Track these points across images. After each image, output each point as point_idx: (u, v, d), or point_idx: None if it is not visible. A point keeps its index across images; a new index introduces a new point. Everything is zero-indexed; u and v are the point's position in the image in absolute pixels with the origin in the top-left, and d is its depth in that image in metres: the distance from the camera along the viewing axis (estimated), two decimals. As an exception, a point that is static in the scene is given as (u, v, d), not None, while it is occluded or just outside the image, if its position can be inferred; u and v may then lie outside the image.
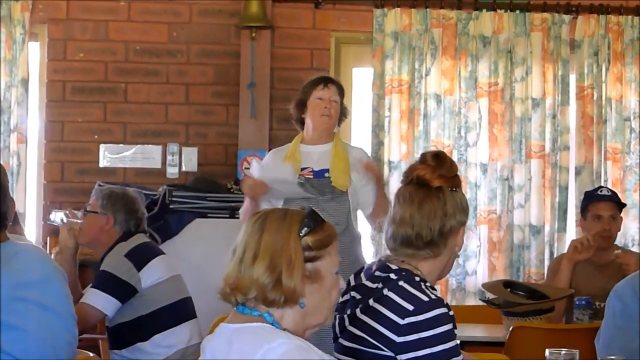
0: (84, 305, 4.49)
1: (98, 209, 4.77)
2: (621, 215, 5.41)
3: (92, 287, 4.61)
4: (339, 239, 4.77)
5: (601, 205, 5.29)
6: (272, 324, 2.50)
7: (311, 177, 4.99)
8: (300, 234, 2.59)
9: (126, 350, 4.65)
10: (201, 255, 5.53)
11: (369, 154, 5.64)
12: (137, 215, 4.83)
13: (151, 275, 4.53)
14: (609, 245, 5.25)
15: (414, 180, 3.08)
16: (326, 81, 5.11)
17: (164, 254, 4.75)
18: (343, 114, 5.18)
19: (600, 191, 5.46)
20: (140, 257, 4.55)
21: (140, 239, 4.73)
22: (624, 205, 5.48)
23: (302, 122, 5.12)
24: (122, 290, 4.55)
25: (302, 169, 5.00)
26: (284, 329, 2.52)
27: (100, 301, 4.50)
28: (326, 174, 5.02)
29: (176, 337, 4.49)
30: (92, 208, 4.80)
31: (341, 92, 5.15)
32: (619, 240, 5.84)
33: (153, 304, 4.61)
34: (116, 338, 4.70)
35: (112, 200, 4.77)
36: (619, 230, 5.41)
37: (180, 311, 4.56)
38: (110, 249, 4.74)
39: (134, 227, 4.78)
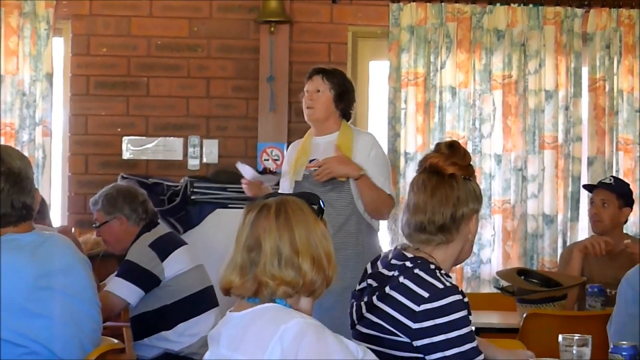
0: (108, 294, 4.51)
1: (105, 217, 4.79)
2: (630, 206, 5.38)
3: (116, 276, 4.62)
4: (341, 228, 4.88)
5: (596, 191, 5.35)
6: (285, 306, 2.53)
7: (316, 168, 4.99)
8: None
9: (150, 339, 4.67)
10: (222, 244, 5.46)
11: (385, 145, 5.68)
12: (139, 200, 4.83)
13: (174, 265, 4.55)
14: (600, 230, 5.28)
15: (428, 168, 3.09)
16: (311, 73, 5.12)
17: (186, 244, 4.76)
18: (340, 98, 5.08)
19: (604, 180, 5.50)
20: (164, 248, 4.57)
21: (163, 229, 4.76)
22: (629, 196, 5.43)
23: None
24: (146, 280, 4.57)
25: (310, 161, 5.03)
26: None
27: (124, 290, 4.51)
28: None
29: (200, 325, 4.50)
30: (100, 220, 4.81)
31: (332, 78, 5.08)
32: (630, 230, 5.94)
33: (177, 294, 4.63)
34: (140, 326, 4.72)
35: (111, 202, 4.78)
36: (623, 219, 5.38)
37: (203, 300, 4.58)
38: (135, 240, 4.77)
39: (144, 213, 4.79)
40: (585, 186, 5.86)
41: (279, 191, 5.25)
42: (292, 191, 4.91)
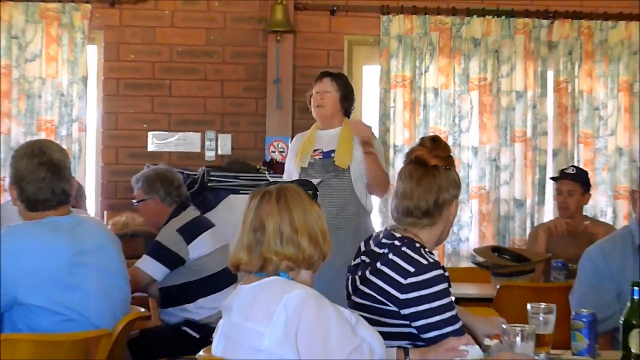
0: (137, 270, 4.51)
1: (143, 196, 4.80)
2: (589, 192, 5.40)
3: (146, 254, 4.62)
4: (342, 210, 4.91)
5: (562, 182, 5.36)
6: (287, 279, 2.55)
7: (320, 157, 5.02)
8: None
9: (173, 309, 4.69)
10: (234, 226, 5.42)
11: (377, 138, 5.64)
12: (175, 185, 4.82)
13: (199, 248, 4.53)
14: (567, 216, 5.28)
15: (414, 160, 3.10)
16: (320, 76, 5.17)
17: (213, 226, 4.75)
18: (345, 99, 5.14)
19: (567, 170, 5.50)
20: (190, 232, 4.56)
21: (192, 214, 4.74)
22: (589, 183, 5.44)
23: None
24: (171, 260, 4.57)
25: (314, 151, 5.05)
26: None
27: (151, 267, 4.53)
28: (332, 155, 5.04)
29: (219, 300, 4.42)
30: (138, 198, 4.83)
31: (339, 80, 5.14)
32: (589, 212, 5.95)
33: (200, 273, 4.62)
34: (167, 297, 4.72)
35: (150, 184, 4.78)
36: (585, 203, 5.43)
37: (224, 278, 4.54)
38: (166, 222, 4.77)
39: (177, 196, 4.78)
40: (552, 178, 5.83)
41: (284, 175, 5.34)
42: (299, 176, 4.91)
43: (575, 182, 5.32)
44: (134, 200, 4.89)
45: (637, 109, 6.55)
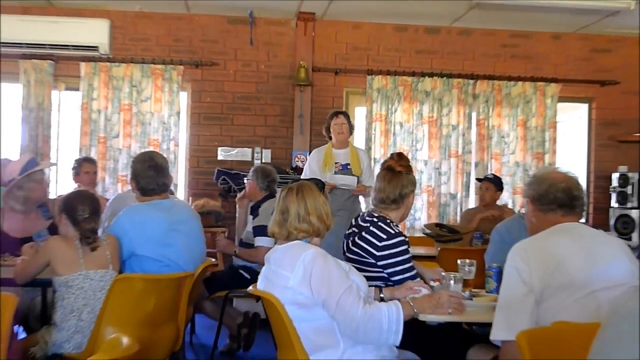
0: (260, 249, 4.35)
1: (250, 177, 4.81)
2: (501, 190, 5.57)
3: (258, 237, 4.46)
4: (347, 200, 5.01)
5: (483, 182, 5.56)
6: (304, 242, 2.58)
7: (340, 168, 5.17)
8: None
9: (235, 259, 4.71)
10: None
11: (366, 151, 5.86)
12: (269, 178, 4.78)
13: None
14: (484, 205, 5.48)
15: (386, 168, 3.19)
16: (337, 113, 5.29)
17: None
18: (351, 129, 5.31)
19: (487, 175, 5.75)
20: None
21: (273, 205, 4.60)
22: (500, 182, 5.57)
23: (329, 137, 5.29)
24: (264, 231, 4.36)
25: (335, 163, 5.19)
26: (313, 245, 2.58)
27: (266, 242, 4.36)
28: (348, 166, 5.18)
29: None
30: (248, 177, 4.85)
31: (347, 117, 5.28)
32: (499, 203, 5.93)
33: None
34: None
35: (256, 173, 4.79)
36: (497, 198, 5.54)
37: None
38: (261, 200, 4.69)
39: (266, 187, 4.73)
40: (477, 179, 5.98)
41: (302, 176, 5.38)
42: (330, 180, 5.01)
43: (491, 183, 5.49)
44: (246, 178, 4.83)
45: (529, 137, 6.68)
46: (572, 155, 7.06)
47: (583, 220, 2.58)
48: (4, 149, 5.96)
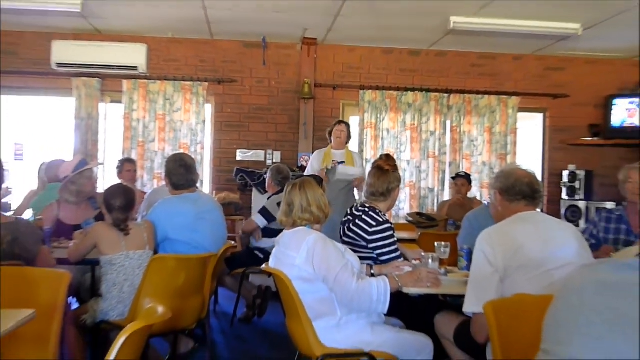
0: (252, 220, 4.55)
1: (268, 174, 4.84)
2: (471, 185, 5.55)
3: (257, 212, 4.59)
4: (342, 191, 4.91)
5: (457, 179, 5.51)
6: (308, 228, 2.56)
7: (336, 164, 5.11)
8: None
9: (254, 241, 4.72)
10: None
11: (359, 154, 5.76)
12: (282, 176, 4.78)
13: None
14: (463, 197, 5.44)
15: (376, 166, 3.17)
16: (340, 122, 5.27)
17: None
18: (349, 136, 5.27)
19: (459, 173, 5.67)
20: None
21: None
22: (470, 180, 5.56)
23: (331, 139, 5.25)
24: (269, 217, 4.55)
25: (332, 160, 5.14)
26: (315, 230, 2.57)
27: (258, 219, 4.52)
28: (342, 163, 5.14)
29: (274, 239, 4.10)
30: (267, 174, 4.86)
31: (348, 127, 5.24)
32: (471, 196, 5.94)
33: (272, 225, 4.57)
34: (264, 232, 4.64)
35: (272, 171, 4.82)
36: (469, 190, 5.52)
37: (277, 229, 4.21)
38: (274, 194, 4.72)
39: (279, 183, 4.74)
40: (452, 177, 5.89)
41: (305, 173, 5.32)
42: (325, 175, 4.96)
43: (464, 179, 5.46)
44: (261, 177, 4.83)
45: (494, 141, 6.64)
46: (529, 156, 7.04)
47: (539, 210, 2.53)
48: (60, 152, 6.07)
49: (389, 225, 2.99)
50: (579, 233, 2.32)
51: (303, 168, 6.13)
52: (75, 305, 3.40)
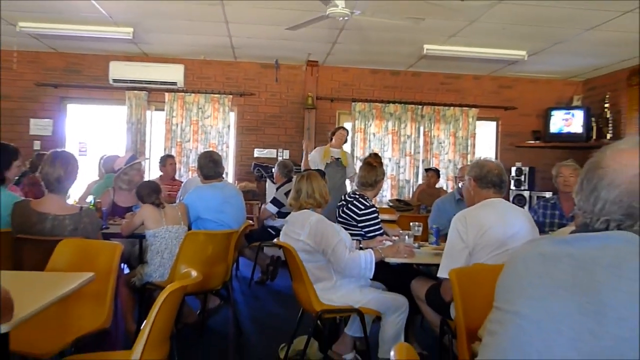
0: (266, 209, 4.50)
1: (276, 168, 4.80)
2: (439, 178, 5.58)
3: (270, 202, 4.53)
4: (338, 182, 4.83)
5: (429, 172, 5.54)
6: (311, 211, 2.54)
7: (334, 160, 5.09)
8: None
9: (269, 220, 4.64)
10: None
11: (350, 154, 5.68)
12: (287, 169, 4.73)
13: (286, 201, 4.07)
14: (431, 186, 5.48)
15: (366, 163, 3.12)
16: (342, 128, 5.28)
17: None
18: (345, 139, 5.28)
19: (430, 167, 5.70)
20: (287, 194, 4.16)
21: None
22: (439, 173, 5.59)
23: (331, 138, 5.23)
24: (279, 205, 4.48)
25: (330, 157, 5.13)
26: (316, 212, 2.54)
27: (271, 207, 4.45)
28: (339, 159, 5.14)
29: (284, 219, 4.10)
30: (275, 168, 4.79)
31: (347, 131, 5.26)
32: (439, 186, 5.95)
33: (282, 210, 4.51)
34: (278, 215, 4.57)
35: (279, 165, 4.75)
36: (437, 182, 5.53)
37: (286, 212, 4.11)
38: (282, 184, 4.65)
39: (285, 175, 4.67)
40: (425, 169, 5.91)
41: (308, 159, 5.32)
42: (324, 169, 4.93)
43: (434, 172, 5.50)
44: (271, 171, 4.76)
45: (457, 144, 6.58)
46: (485, 155, 6.85)
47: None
48: (115, 149, 6.00)
49: (374, 209, 2.98)
50: (530, 217, 2.29)
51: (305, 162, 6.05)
52: (126, 270, 3.41)
